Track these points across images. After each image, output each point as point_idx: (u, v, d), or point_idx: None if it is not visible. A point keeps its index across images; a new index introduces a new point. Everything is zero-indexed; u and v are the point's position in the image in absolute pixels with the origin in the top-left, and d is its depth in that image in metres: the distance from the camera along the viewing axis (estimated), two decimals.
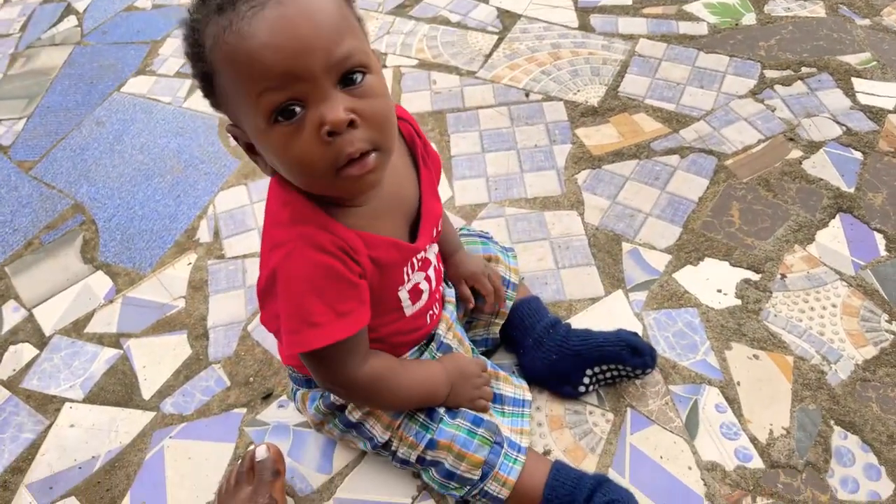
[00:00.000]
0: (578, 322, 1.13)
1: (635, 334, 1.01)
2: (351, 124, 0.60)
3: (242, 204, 1.42)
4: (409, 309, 0.83)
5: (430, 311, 0.89)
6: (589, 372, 1.01)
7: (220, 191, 1.46)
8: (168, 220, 1.41)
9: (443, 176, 1.42)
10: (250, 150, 0.68)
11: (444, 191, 1.39)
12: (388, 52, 1.78)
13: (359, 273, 0.71)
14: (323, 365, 0.77)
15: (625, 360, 0.98)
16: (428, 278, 0.84)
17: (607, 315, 1.15)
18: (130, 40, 1.95)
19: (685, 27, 1.76)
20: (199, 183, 1.49)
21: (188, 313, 1.23)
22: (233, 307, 1.23)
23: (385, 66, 1.72)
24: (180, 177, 1.51)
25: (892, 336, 1.09)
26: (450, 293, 0.97)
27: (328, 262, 0.68)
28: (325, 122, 0.58)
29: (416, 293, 0.82)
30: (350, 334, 0.71)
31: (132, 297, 1.27)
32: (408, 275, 0.80)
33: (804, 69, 1.60)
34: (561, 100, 1.58)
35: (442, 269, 0.93)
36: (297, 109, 0.59)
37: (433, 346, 0.91)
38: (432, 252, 0.86)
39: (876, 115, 1.47)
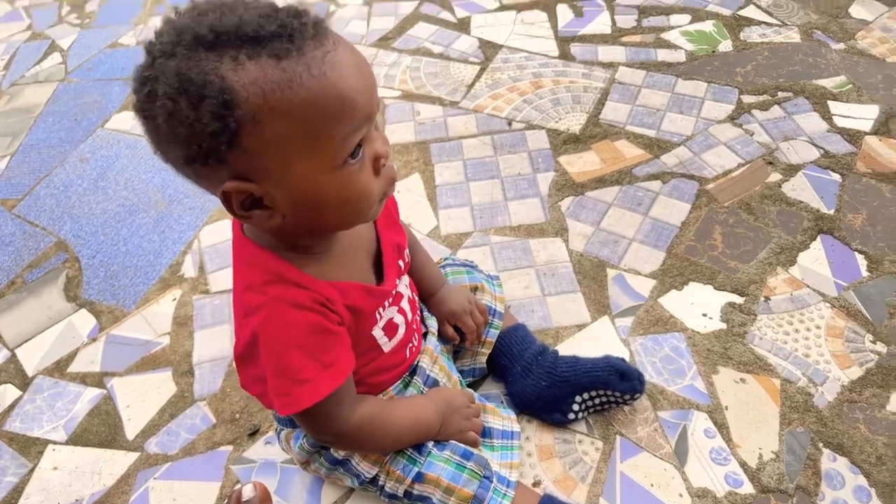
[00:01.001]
0: (565, 349, 1.13)
1: (623, 360, 1.02)
2: None
3: (227, 238, 1.42)
4: (387, 345, 0.82)
5: (410, 344, 0.88)
6: (578, 398, 1.01)
7: (204, 225, 1.46)
8: (152, 256, 1.40)
9: (428, 205, 1.43)
10: (244, 207, 0.61)
11: (429, 220, 1.39)
12: None
13: (338, 321, 0.71)
14: (314, 419, 0.76)
15: (613, 385, 0.98)
16: (402, 311, 0.84)
17: (594, 341, 1.15)
18: (115, 76, 1.96)
19: (663, 54, 1.79)
20: (183, 217, 1.49)
21: (173, 350, 1.22)
22: (219, 342, 1.22)
23: None
24: (164, 212, 1.50)
25: (877, 356, 1.10)
26: (432, 324, 0.96)
27: (309, 319, 0.68)
28: (382, 154, 0.65)
29: (390, 328, 0.82)
30: (339, 384, 0.71)
31: (116, 335, 1.26)
32: (380, 314, 0.79)
33: (781, 94, 1.63)
34: (543, 128, 1.60)
35: (416, 298, 0.92)
36: (360, 148, 0.62)
37: (418, 380, 0.90)
38: (403, 284, 0.85)
39: (853, 137, 1.49)
